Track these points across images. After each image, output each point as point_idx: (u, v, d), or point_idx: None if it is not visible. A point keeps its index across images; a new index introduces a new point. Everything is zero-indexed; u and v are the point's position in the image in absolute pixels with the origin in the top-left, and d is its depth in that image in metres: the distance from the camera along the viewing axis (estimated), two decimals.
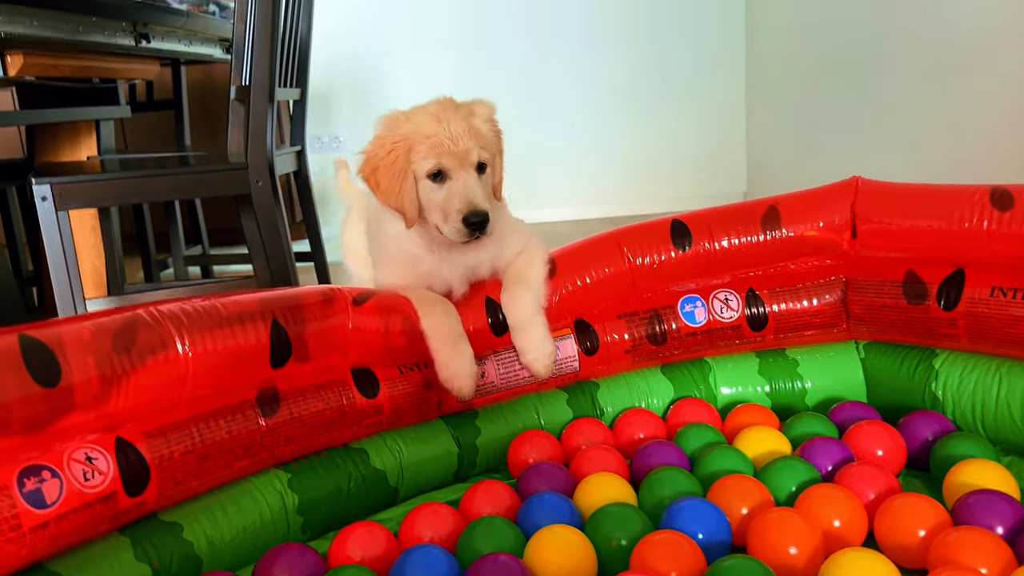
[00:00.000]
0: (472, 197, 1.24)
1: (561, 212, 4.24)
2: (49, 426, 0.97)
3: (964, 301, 1.33)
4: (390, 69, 4.15)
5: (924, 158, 2.51)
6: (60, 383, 0.95)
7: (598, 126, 4.22)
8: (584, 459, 1.29)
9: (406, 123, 1.30)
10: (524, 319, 1.36)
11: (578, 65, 4.16)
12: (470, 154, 1.26)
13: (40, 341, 0.95)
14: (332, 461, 1.27)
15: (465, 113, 1.30)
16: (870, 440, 1.27)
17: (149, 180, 1.87)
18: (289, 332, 1.20)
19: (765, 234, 1.48)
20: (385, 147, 1.29)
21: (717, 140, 4.24)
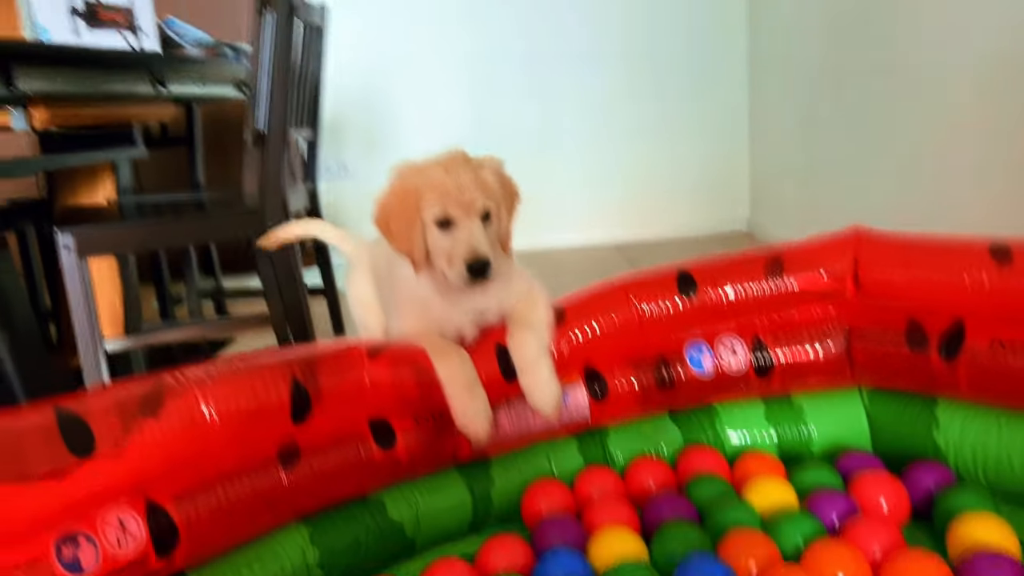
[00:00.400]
0: (476, 244, 1.31)
1: (566, 238, 4.29)
2: (84, 494, 1.01)
3: (964, 352, 1.37)
4: (398, 98, 4.21)
5: (922, 185, 2.54)
6: (94, 452, 0.99)
7: (602, 153, 4.28)
8: (597, 510, 1.33)
9: (417, 174, 1.37)
10: (530, 360, 1.39)
11: (582, 93, 4.21)
12: (475, 203, 1.32)
13: (75, 413, 1.00)
14: (351, 514, 1.31)
15: (474, 166, 1.37)
16: (875, 491, 1.31)
17: (168, 227, 1.92)
18: (308, 389, 1.24)
19: (769, 283, 1.52)
20: (397, 196, 1.36)
21: (720, 166, 4.28)
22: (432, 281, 1.42)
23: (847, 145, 3.09)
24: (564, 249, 4.22)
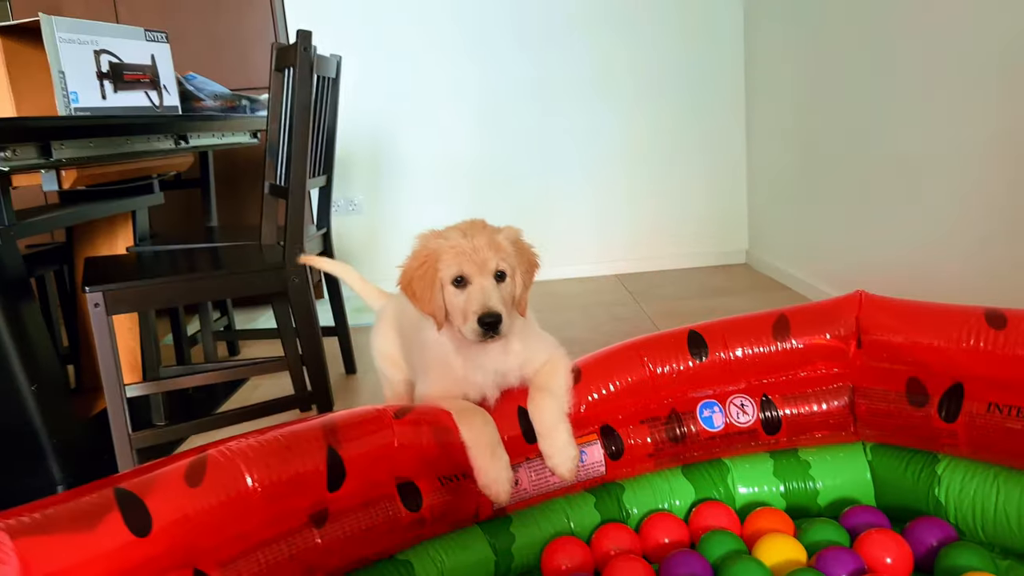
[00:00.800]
0: (487, 300, 1.39)
1: (569, 270, 4.36)
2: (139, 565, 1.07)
3: (963, 414, 1.44)
4: (404, 135, 4.29)
5: (920, 220, 2.62)
6: (151, 532, 1.06)
7: (605, 187, 4.36)
8: (615, 570, 1.39)
9: (436, 239, 1.46)
10: (549, 425, 1.47)
11: (589, 128, 4.30)
12: (488, 263, 1.42)
13: (133, 493, 1.06)
14: (380, 574, 1.37)
15: (491, 231, 1.46)
16: (880, 549, 1.37)
17: (194, 284, 1.99)
18: (343, 456, 1.30)
19: (776, 344, 1.59)
20: (419, 259, 1.45)
21: (719, 200, 4.37)
22: (453, 341, 1.49)
23: (842, 180, 3.17)
24: (567, 280, 4.29)
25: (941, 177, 2.49)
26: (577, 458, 1.47)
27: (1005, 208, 2.20)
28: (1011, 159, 2.16)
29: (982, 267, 2.32)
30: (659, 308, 3.59)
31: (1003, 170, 2.20)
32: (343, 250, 4.23)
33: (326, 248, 2.89)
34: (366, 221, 4.37)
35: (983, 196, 2.30)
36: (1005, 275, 2.21)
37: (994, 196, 2.25)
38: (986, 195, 2.28)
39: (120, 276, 1.98)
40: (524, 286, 1.49)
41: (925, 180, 2.58)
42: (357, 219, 4.36)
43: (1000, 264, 2.24)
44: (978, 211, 2.32)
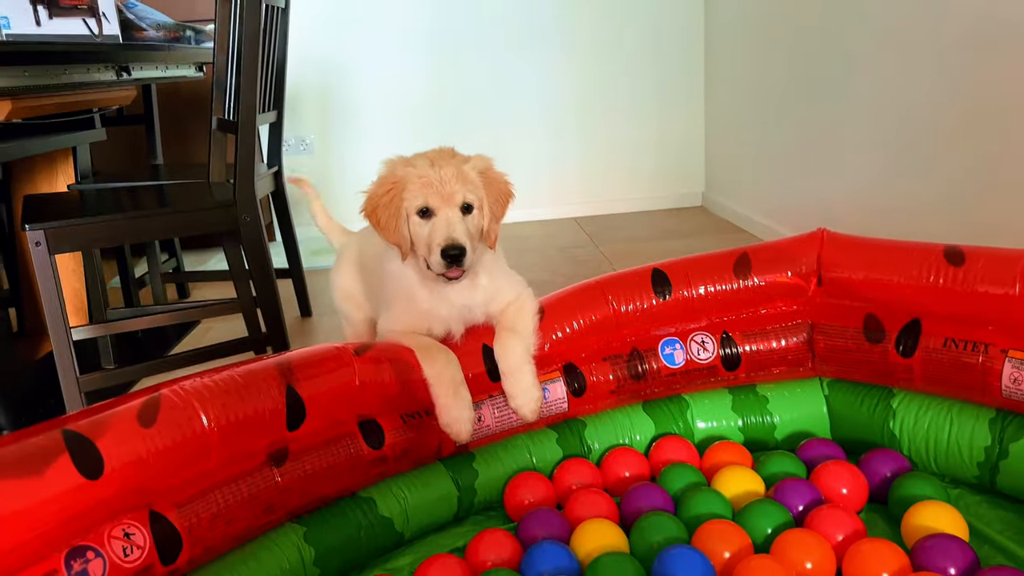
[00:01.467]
0: (451, 232, 1.36)
1: (529, 213, 4.32)
2: (91, 509, 1.04)
3: (920, 350, 1.46)
4: (357, 73, 4.17)
5: (877, 159, 2.64)
6: (103, 475, 1.02)
7: (564, 131, 4.31)
8: (577, 503, 1.39)
9: (403, 166, 1.42)
10: (514, 366, 1.46)
11: (545, 71, 4.23)
12: (455, 195, 1.38)
13: (82, 435, 1.02)
14: (343, 512, 1.35)
15: (459, 161, 1.42)
16: (836, 479, 1.40)
17: (139, 221, 1.91)
18: (302, 395, 1.27)
19: (738, 282, 1.59)
20: (384, 186, 1.41)
21: (677, 145, 4.36)
22: (418, 274, 1.46)
23: (799, 122, 3.18)
24: (525, 223, 4.26)
25: (897, 116, 2.50)
26: (540, 399, 1.47)
27: (962, 145, 2.22)
28: (968, 98, 2.18)
29: (940, 204, 2.35)
30: (616, 250, 3.59)
31: (960, 109, 2.21)
32: (295, 191, 4.12)
33: (278, 187, 2.81)
34: (318, 161, 4.26)
35: (939, 134, 2.31)
36: (964, 212, 2.24)
37: (950, 134, 2.26)
38: (942, 133, 2.30)
39: (62, 214, 1.89)
40: (494, 217, 1.46)
41: (882, 119, 2.59)
42: (308, 159, 4.25)
43: (959, 201, 2.27)
44: (935, 149, 2.34)
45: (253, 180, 2.03)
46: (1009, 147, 2.04)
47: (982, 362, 1.38)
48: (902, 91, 2.46)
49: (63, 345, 1.93)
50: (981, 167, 2.15)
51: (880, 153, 2.62)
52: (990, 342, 1.38)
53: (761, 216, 3.62)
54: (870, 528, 1.36)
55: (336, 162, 4.26)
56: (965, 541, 1.20)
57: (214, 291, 3.34)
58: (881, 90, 2.58)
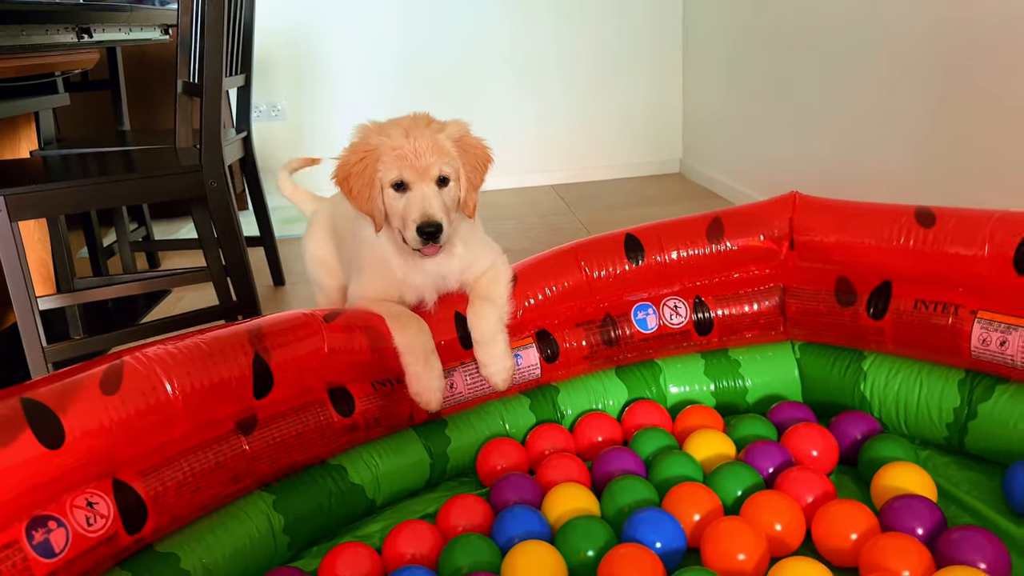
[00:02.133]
0: (427, 208, 1.32)
1: (505, 180, 4.29)
2: (52, 479, 1.02)
3: (891, 312, 1.46)
4: (330, 37, 4.09)
5: (852, 126, 2.64)
6: (64, 443, 1.00)
7: (541, 97, 4.26)
8: (549, 468, 1.39)
9: (377, 135, 1.37)
10: (487, 335, 1.44)
11: (522, 37, 4.17)
12: (431, 169, 1.34)
13: (42, 403, 1.00)
14: (312, 479, 1.34)
15: (435, 129, 1.38)
16: (806, 442, 1.41)
17: (103, 187, 1.87)
18: (270, 363, 1.25)
19: (711, 246, 1.58)
20: (357, 155, 1.37)
21: (655, 111, 4.32)
22: (392, 243, 1.44)
23: (778, 91, 3.16)
24: (502, 191, 4.23)
25: (872, 81, 2.49)
26: (512, 368, 1.46)
27: (935, 107, 2.22)
28: (942, 56, 2.17)
29: (913, 166, 2.35)
30: (594, 217, 3.57)
31: (933, 68, 2.20)
32: (266, 158, 4.05)
33: (247, 153, 2.76)
34: (290, 127, 4.19)
35: (913, 97, 2.31)
36: (935, 175, 2.25)
37: (924, 96, 2.26)
38: (916, 96, 2.29)
39: (24, 179, 1.84)
40: (471, 186, 1.42)
41: (857, 86, 2.58)
42: (280, 125, 4.18)
43: (931, 162, 2.27)
44: (909, 112, 2.34)
45: (220, 145, 1.99)
46: (979, 112, 2.04)
47: (952, 323, 1.39)
48: (876, 58, 2.45)
49: (27, 314, 1.89)
50: (952, 132, 2.15)
51: (855, 118, 2.62)
52: (960, 303, 1.38)
53: (739, 182, 3.62)
54: (840, 490, 1.37)
55: (309, 129, 4.20)
56: (933, 502, 1.21)
57: (185, 260, 3.29)
58: (856, 57, 2.56)
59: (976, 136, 2.07)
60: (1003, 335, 1.32)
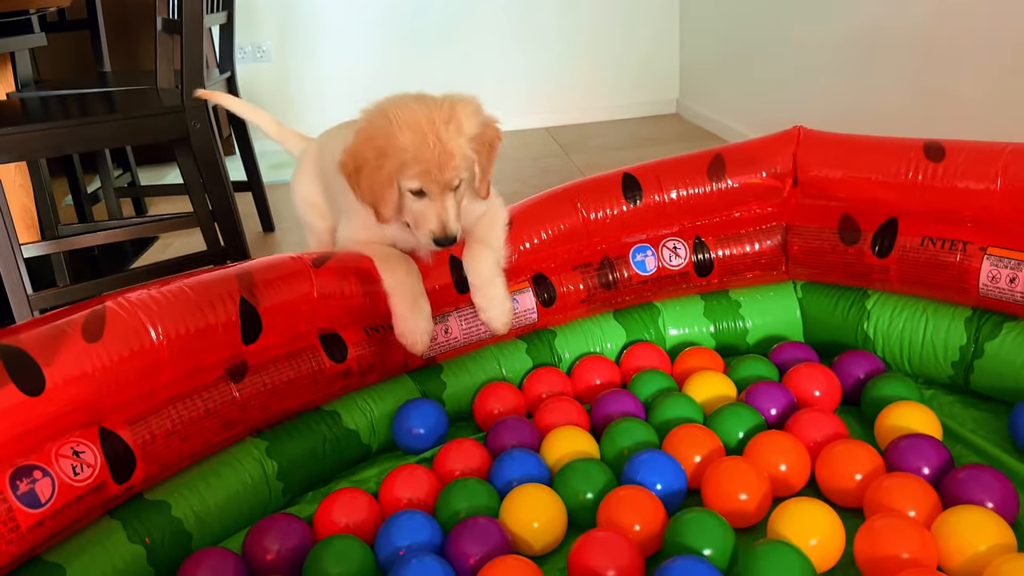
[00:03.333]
0: (446, 221, 1.28)
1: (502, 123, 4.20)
2: (36, 427, 0.98)
3: (896, 249, 1.43)
4: None
5: (852, 59, 2.58)
6: (45, 391, 0.96)
7: (535, 39, 4.15)
8: (547, 411, 1.37)
9: (398, 135, 1.26)
10: (485, 279, 1.40)
11: None
12: (452, 181, 1.28)
13: (22, 349, 0.96)
14: (306, 425, 1.32)
15: (453, 132, 1.29)
16: (808, 382, 1.38)
17: (83, 129, 1.80)
18: (258, 308, 1.22)
19: (711, 185, 1.54)
20: (372, 151, 1.27)
21: (651, 50, 4.22)
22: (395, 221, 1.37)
23: (773, 28, 3.07)
24: None
25: (870, 17, 2.42)
26: (511, 312, 1.41)
27: (937, 37, 2.15)
28: None
29: (917, 100, 2.29)
30: (588, 159, 3.51)
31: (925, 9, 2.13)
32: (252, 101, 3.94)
33: (232, 95, 2.67)
34: (276, 69, 4.08)
35: (909, 35, 2.24)
36: (935, 112, 2.19)
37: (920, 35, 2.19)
38: (912, 33, 2.22)
39: (1, 121, 1.78)
40: (484, 170, 1.36)
41: (855, 21, 2.50)
42: (266, 67, 4.07)
43: (935, 94, 2.21)
44: (906, 50, 2.27)
45: (202, 84, 1.92)
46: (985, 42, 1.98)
47: (959, 260, 1.35)
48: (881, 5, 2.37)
49: (10, 261, 1.84)
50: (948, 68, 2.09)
51: (857, 54, 2.54)
52: (968, 240, 1.35)
53: (736, 122, 3.55)
54: None
55: (296, 71, 4.09)
56: (939, 441, 1.19)
57: (173, 206, 3.23)
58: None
59: (986, 66, 2.01)
60: (1013, 272, 1.29)
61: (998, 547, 0.97)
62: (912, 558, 0.96)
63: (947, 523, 1.01)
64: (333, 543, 1.09)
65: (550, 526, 1.12)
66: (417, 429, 1.36)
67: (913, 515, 1.05)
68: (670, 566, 0.97)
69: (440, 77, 4.08)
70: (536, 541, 1.11)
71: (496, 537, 1.08)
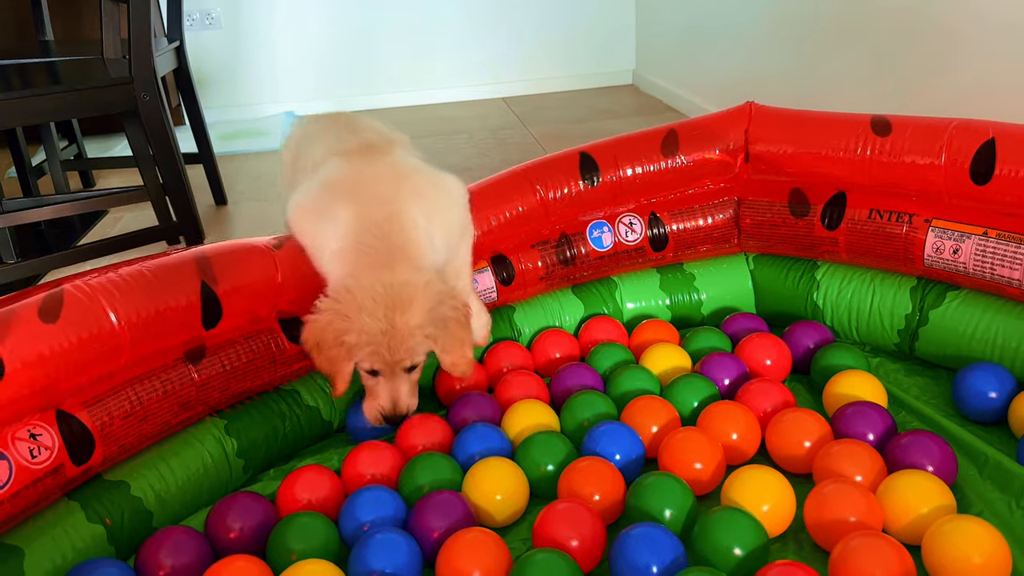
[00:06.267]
0: (396, 399, 1.22)
1: (456, 93, 4.17)
2: None
3: (845, 221, 1.47)
4: None
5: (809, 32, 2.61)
6: (3, 375, 0.95)
7: (492, 6, 4.10)
8: (508, 385, 1.38)
9: (355, 318, 1.16)
10: None
11: None
12: (404, 362, 1.20)
13: None
14: (265, 404, 1.31)
15: (408, 318, 1.16)
16: (760, 352, 1.42)
17: (27, 102, 1.75)
18: (219, 293, 1.21)
19: (665, 162, 1.56)
20: (330, 334, 1.18)
21: (607, 20, 4.20)
22: None
23: (730, 4, 3.09)
24: (453, 104, 4.11)
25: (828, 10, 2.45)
26: (489, 324, 1.38)
27: (891, 13, 2.19)
28: None
29: (872, 76, 2.33)
30: (546, 132, 3.50)
31: None
32: (202, 72, 3.87)
33: (181, 65, 2.62)
34: (226, 37, 3.97)
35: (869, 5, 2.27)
36: (891, 83, 2.23)
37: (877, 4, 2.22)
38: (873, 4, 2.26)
39: None
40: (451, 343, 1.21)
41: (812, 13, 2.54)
42: (215, 35, 3.96)
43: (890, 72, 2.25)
44: (864, 20, 2.30)
45: (151, 55, 1.87)
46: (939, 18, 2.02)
47: (905, 232, 1.40)
48: None
49: None
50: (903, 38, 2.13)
51: (811, 30, 2.58)
52: (914, 212, 1.39)
53: (693, 94, 3.57)
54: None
55: (246, 39, 3.99)
56: (884, 408, 1.24)
57: (122, 179, 3.15)
58: None
59: (937, 44, 2.06)
60: (956, 243, 1.34)
61: (939, 509, 1.02)
62: (859, 521, 1.01)
63: (891, 488, 1.05)
64: (297, 520, 1.09)
65: (512, 498, 1.15)
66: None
67: (860, 480, 1.09)
68: (630, 533, 1.00)
69: (396, 47, 4.03)
70: (499, 513, 1.14)
71: (459, 510, 1.09)
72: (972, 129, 1.31)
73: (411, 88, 4.13)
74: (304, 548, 1.06)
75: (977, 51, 1.90)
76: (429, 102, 4.15)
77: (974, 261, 1.32)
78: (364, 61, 4.04)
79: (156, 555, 1.05)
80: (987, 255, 1.31)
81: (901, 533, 1.03)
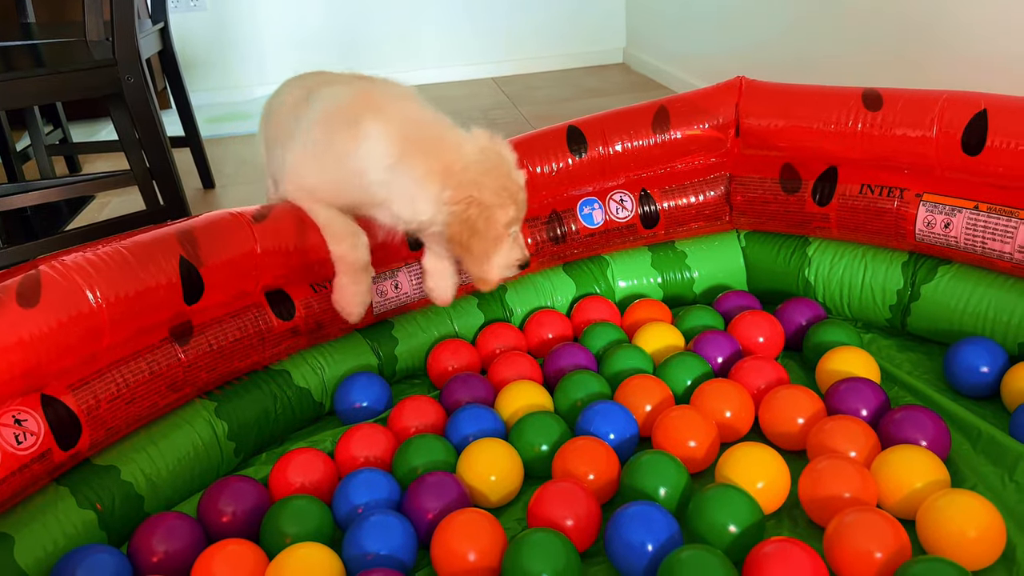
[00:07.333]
0: (522, 246, 1.28)
1: (445, 73, 4.14)
2: None
3: (836, 197, 1.46)
4: None
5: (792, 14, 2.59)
6: None
7: None
8: (501, 366, 1.38)
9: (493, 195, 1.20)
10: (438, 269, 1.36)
11: None
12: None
13: None
14: (255, 385, 1.30)
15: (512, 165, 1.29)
16: (752, 329, 1.42)
17: (10, 84, 1.72)
18: (197, 266, 1.19)
19: (656, 137, 1.54)
20: (483, 211, 1.19)
21: None
22: None
23: None
24: (442, 84, 4.08)
25: None
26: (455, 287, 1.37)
27: None
28: None
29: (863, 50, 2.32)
30: (537, 111, 3.48)
31: None
32: (188, 55, 3.82)
33: (166, 47, 2.58)
34: (212, 19, 3.92)
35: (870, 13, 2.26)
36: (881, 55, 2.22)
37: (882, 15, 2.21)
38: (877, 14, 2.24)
39: None
40: None
41: None
42: (201, 17, 3.91)
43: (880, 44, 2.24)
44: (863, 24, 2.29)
45: (135, 36, 1.84)
46: None
47: (897, 207, 1.39)
48: None
49: None
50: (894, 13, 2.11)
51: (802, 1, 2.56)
52: (905, 187, 1.38)
53: (683, 71, 3.55)
54: None
55: (232, 20, 3.94)
56: (876, 383, 1.23)
57: (109, 163, 3.12)
58: None
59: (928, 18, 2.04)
60: (947, 217, 1.33)
61: (933, 484, 1.02)
62: (854, 497, 1.00)
63: (885, 463, 1.05)
64: (290, 503, 1.09)
65: (507, 479, 1.14)
66: (360, 403, 1.36)
67: (854, 455, 1.09)
68: (624, 512, 0.99)
69: (384, 28, 3.99)
70: (493, 494, 1.13)
71: (454, 491, 1.09)
72: (964, 101, 1.30)
73: (400, 69, 4.09)
74: (298, 531, 1.05)
75: (968, 24, 1.89)
76: (418, 82, 4.11)
77: (965, 235, 1.31)
78: (352, 41, 4.00)
79: (149, 541, 1.04)
80: (978, 229, 1.30)
81: (896, 508, 1.03)
